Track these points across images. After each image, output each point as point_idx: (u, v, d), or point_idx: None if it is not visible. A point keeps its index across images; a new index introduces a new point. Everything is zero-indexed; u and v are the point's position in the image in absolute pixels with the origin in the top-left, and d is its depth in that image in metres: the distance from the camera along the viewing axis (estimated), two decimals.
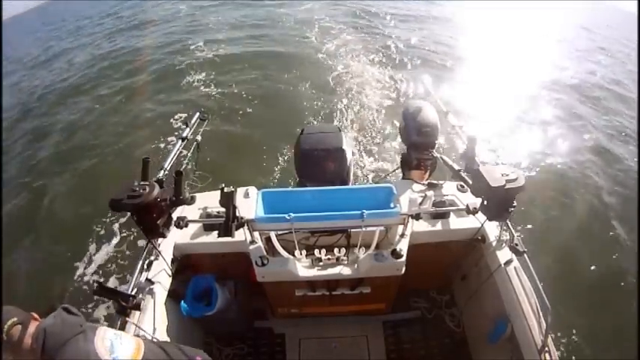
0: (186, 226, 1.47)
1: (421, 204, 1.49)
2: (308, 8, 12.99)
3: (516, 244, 1.52)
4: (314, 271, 1.62)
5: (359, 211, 1.37)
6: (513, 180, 1.24)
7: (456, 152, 3.82)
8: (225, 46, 9.53)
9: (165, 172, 1.64)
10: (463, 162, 1.59)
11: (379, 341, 2.15)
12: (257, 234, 1.58)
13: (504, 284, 1.59)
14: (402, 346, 2.14)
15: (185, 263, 1.79)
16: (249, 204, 1.63)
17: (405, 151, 2.07)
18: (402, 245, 1.56)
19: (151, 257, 1.60)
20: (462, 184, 1.82)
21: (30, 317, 0.88)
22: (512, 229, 1.60)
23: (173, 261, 1.69)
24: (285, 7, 13.42)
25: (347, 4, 13.44)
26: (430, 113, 1.97)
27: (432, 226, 1.76)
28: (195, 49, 9.68)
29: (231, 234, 1.32)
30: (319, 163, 1.92)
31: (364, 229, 1.46)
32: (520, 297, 1.50)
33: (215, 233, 1.50)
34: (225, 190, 1.34)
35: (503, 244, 1.66)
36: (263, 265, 1.54)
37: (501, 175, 1.25)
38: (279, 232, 1.60)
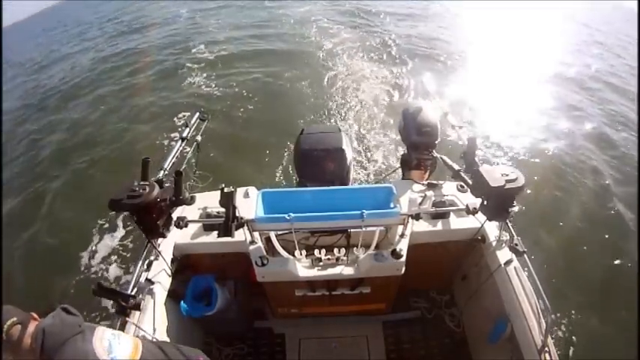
0: (186, 226, 1.47)
1: (421, 204, 1.49)
2: (307, 10, 13.00)
3: (516, 244, 1.52)
4: (314, 271, 1.62)
5: (359, 211, 1.37)
6: (513, 180, 1.24)
7: (456, 152, 3.82)
8: (226, 48, 9.55)
9: (165, 172, 1.64)
10: (463, 162, 1.59)
11: (379, 341, 2.15)
12: (257, 234, 1.58)
13: (504, 284, 1.59)
14: (402, 346, 2.14)
15: (185, 263, 1.79)
16: (249, 204, 1.63)
17: (405, 151, 2.08)
18: (402, 245, 1.56)
19: (151, 257, 1.60)
20: (462, 184, 1.82)
21: (29, 317, 0.88)
22: (512, 229, 1.60)
23: (173, 261, 1.69)
24: (285, 8, 13.44)
25: (346, 5, 13.45)
26: (430, 113, 1.97)
27: (432, 226, 1.76)
28: (196, 50, 9.72)
29: (231, 234, 1.32)
30: (319, 163, 1.92)
31: (364, 229, 1.46)
32: (520, 297, 1.49)
33: (215, 233, 1.51)
34: (225, 190, 1.34)
35: (503, 244, 1.66)
36: (263, 265, 1.54)
37: (501, 175, 1.25)
38: (279, 232, 1.60)
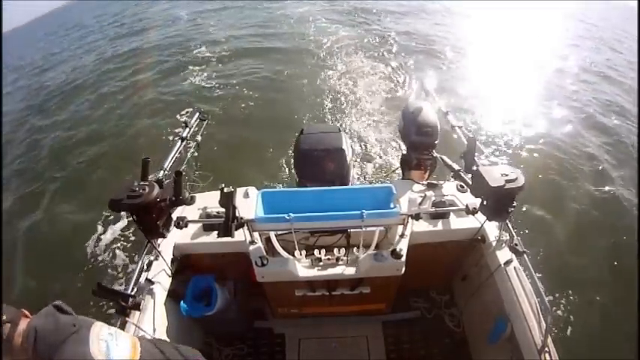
0: (186, 226, 1.47)
1: (421, 204, 1.49)
2: (306, 10, 13.01)
3: (516, 244, 1.52)
4: (314, 271, 1.62)
5: (359, 211, 1.37)
6: (513, 180, 1.24)
7: (456, 152, 3.82)
8: (226, 48, 9.58)
9: (166, 172, 1.65)
10: (463, 162, 1.59)
11: (379, 341, 2.14)
12: (257, 234, 1.58)
13: (504, 284, 1.59)
14: (402, 346, 2.14)
15: (185, 263, 1.79)
16: (249, 204, 1.63)
17: (405, 151, 2.07)
18: (402, 245, 1.56)
19: (151, 257, 1.60)
20: (462, 184, 1.82)
21: (20, 314, 0.86)
22: (512, 229, 1.60)
23: (173, 261, 1.69)
24: (284, 8, 13.47)
25: (344, 5, 13.47)
26: (430, 113, 1.97)
27: (432, 226, 1.75)
28: (196, 51, 9.76)
29: (231, 234, 1.32)
30: (319, 163, 1.92)
31: (364, 229, 1.46)
32: (520, 297, 1.49)
33: (215, 233, 1.51)
34: (225, 190, 1.34)
35: (503, 244, 1.66)
36: (263, 265, 1.54)
37: (501, 175, 1.25)
38: (279, 233, 1.60)
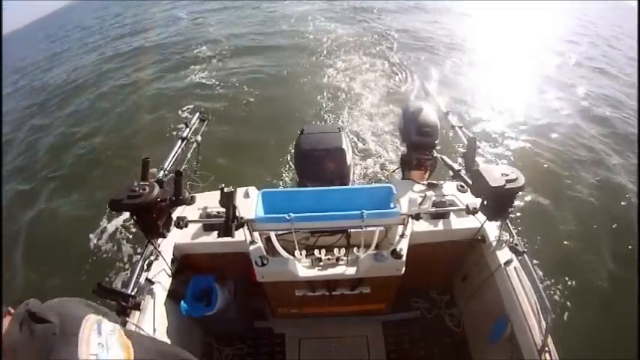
0: (186, 226, 1.47)
1: (421, 204, 1.49)
2: (306, 9, 13.03)
3: (516, 244, 1.52)
4: (314, 271, 1.62)
5: (359, 211, 1.37)
6: (513, 180, 1.24)
7: (456, 152, 3.83)
8: (226, 48, 9.59)
9: (166, 172, 1.64)
10: (463, 162, 1.59)
11: (379, 341, 2.14)
12: (257, 234, 1.58)
13: (504, 284, 1.59)
14: (402, 346, 2.14)
15: (185, 263, 1.79)
16: (249, 204, 1.63)
17: (405, 151, 2.07)
18: (402, 245, 1.56)
19: (151, 257, 1.60)
20: (462, 184, 1.82)
21: (5, 313, 0.76)
22: (512, 229, 1.60)
23: (173, 261, 1.69)
24: (284, 8, 13.48)
25: (343, 4, 13.48)
26: (430, 113, 1.97)
27: (432, 226, 1.75)
28: (196, 51, 9.78)
29: (231, 234, 1.32)
30: (319, 163, 1.92)
31: (364, 229, 1.46)
32: (520, 297, 1.49)
33: (215, 233, 1.50)
34: (225, 190, 1.34)
35: (503, 244, 1.66)
36: (263, 265, 1.53)
37: (501, 174, 1.25)
38: (279, 232, 1.60)
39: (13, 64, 14.26)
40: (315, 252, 1.64)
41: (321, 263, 1.64)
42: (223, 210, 1.34)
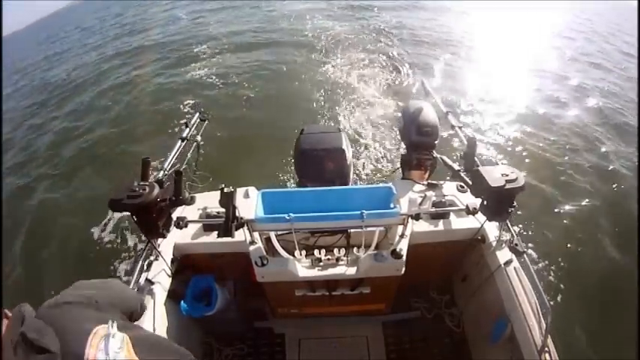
0: (185, 226, 1.46)
1: (421, 204, 1.48)
2: (305, 8, 13.03)
3: (516, 244, 1.52)
4: (314, 271, 1.62)
5: (359, 212, 1.37)
6: (513, 180, 1.24)
7: (456, 152, 3.82)
8: (225, 47, 9.60)
9: (166, 172, 1.65)
10: (463, 162, 1.59)
11: (379, 341, 2.14)
12: (257, 234, 1.58)
13: (504, 284, 1.59)
14: (402, 346, 2.14)
15: (185, 263, 1.79)
16: (249, 204, 1.63)
17: (405, 151, 2.07)
18: (402, 245, 1.56)
19: (151, 257, 1.60)
20: (462, 184, 1.82)
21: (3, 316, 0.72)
22: (512, 229, 1.60)
23: (173, 261, 1.69)
24: (283, 7, 13.48)
25: (342, 3, 13.47)
26: (430, 113, 1.96)
27: (432, 227, 1.75)
28: (196, 50, 9.79)
29: (231, 234, 1.32)
30: (319, 163, 1.92)
31: (364, 230, 1.46)
32: (520, 297, 1.50)
33: (215, 233, 1.50)
34: (225, 190, 1.33)
35: (503, 245, 1.66)
36: (263, 265, 1.53)
37: (501, 175, 1.24)
38: (279, 233, 1.60)
39: (13, 65, 14.28)
40: (315, 252, 1.63)
41: (321, 263, 1.63)
42: (223, 210, 1.34)
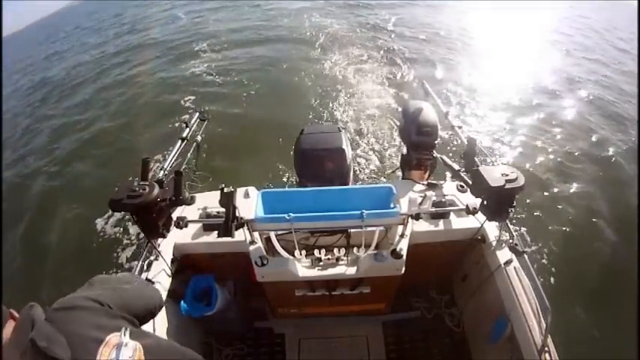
0: (186, 226, 1.47)
1: (421, 204, 1.48)
2: (303, 6, 13.05)
3: (516, 244, 1.52)
4: (314, 271, 1.62)
5: (359, 211, 1.37)
6: (513, 180, 1.24)
7: (456, 152, 3.82)
8: (225, 48, 9.60)
9: (165, 172, 1.64)
10: (463, 162, 1.59)
11: (379, 341, 2.15)
12: (257, 234, 1.58)
13: (504, 284, 1.59)
14: (402, 346, 2.14)
15: (185, 263, 1.79)
16: (249, 204, 1.63)
17: (405, 151, 2.07)
18: (402, 245, 1.56)
19: (151, 257, 1.60)
20: (462, 184, 1.82)
21: (7, 316, 0.69)
22: (512, 229, 1.60)
23: (173, 261, 1.69)
24: (282, 6, 13.49)
25: (340, 2, 13.47)
26: (430, 113, 1.96)
27: (432, 226, 1.76)
28: (197, 50, 9.80)
29: (231, 234, 1.32)
30: (319, 163, 1.92)
31: (364, 229, 1.46)
32: (520, 297, 1.50)
33: (215, 233, 1.51)
34: (225, 190, 1.34)
35: (503, 244, 1.66)
36: (263, 265, 1.54)
37: (501, 175, 1.25)
38: (279, 232, 1.60)
39: (13, 66, 14.29)
40: (315, 252, 1.63)
41: (321, 263, 1.63)
42: (223, 210, 1.34)
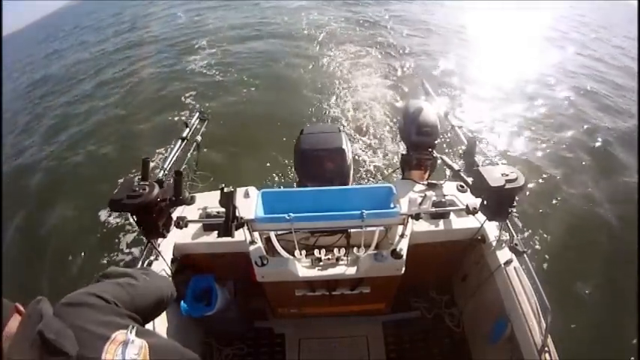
0: (186, 226, 1.47)
1: (421, 204, 1.48)
2: (303, 5, 13.06)
3: (516, 244, 1.52)
4: (314, 271, 1.62)
5: (359, 211, 1.37)
6: (513, 180, 1.24)
7: (456, 152, 3.82)
8: (225, 47, 9.60)
9: (165, 172, 1.65)
10: (463, 162, 1.59)
11: (379, 341, 2.15)
12: (257, 234, 1.58)
13: (504, 284, 1.59)
14: (402, 346, 2.14)
15: (185, 263, 1.79)
16: (249, 204, 1.63)
17: (404, 151, 2.07)
18: (402, 245, 1.56)
19: (151, 257, 1.60)
20: (462, 184, 1.82)
21: (13, 310, 0.69)
22: (512, 229, 1.60)
23: (173, 261, 1.69)
24: (282, 5, 13.51)
25: (339, 1, 13.50)
26: (430, 113, 1.96)
27: (432, 226, 1.75)
28: (197, 47, 9.86)
29: (231, 234, 1.31)
30: (319, 163, 1.92)
31: (364, 229, 1.46)
32: (520, 297, 1.50)
33: (215, 233, 1.51)
34: (225, 190, 1.33)
35: (503, 244, 1.66)
36: (263, 265, 1.54)
37: (501, 174, 1.25)
38: (279, 232, 1.60)
39: (13, 65, 14.32)
40: (315, 252, 1.63)
41: (321, 263, 1.63)
42: (223, 210, 1.34)
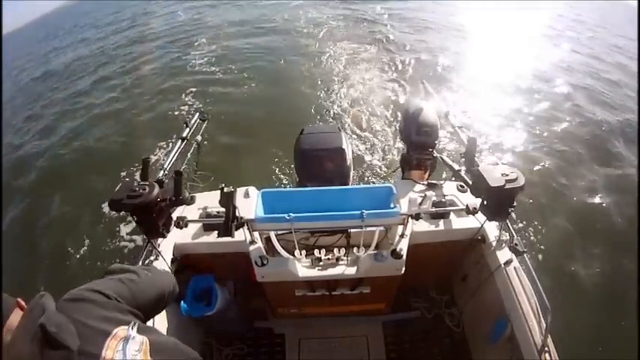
0: (186, 226, 1.47)
1: (421, 204, 1.48)
2: (302, 4, 13.07)
3: (516, 244, 1.52)
4: (314, 271, 1.62)
5: (359, 211, 1.37)
6: (513, 180, 1.24)
7: (456, 152, 3.82)
8: (225, 47, 9.60)
9: (165, 172, 1.65)
10: (463, 162, 1.59)
11: (379, 341, 2.15)
12: (257, 234, 1.58)
13: (504, 284, 1.59)
14: (402, 346, 2.14)
15: (185, 263, 1.79)
16: (249, 204, 1.63)
17: (405, 151, 2.08)
18: (402, 245, 1.56)
19: (151, 257, 1.60)
20: (462, 184, 1.82)
21: (14, 305, 0.69)
22: (512, 229, 1.60)
23: (173, 261, 1.69)
24: (281, 4, 13.51)
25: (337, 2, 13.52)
26: (430, 113, 1.96)
27: (432, 226, 1.75)
28: (197, 45, 9.87)
29: (231, 234, 1.31)
30: (319, 163, 1.92)
31: (364, 229, 1.46)
32: (520, 297, 1.50)
33: (215, 233, 1.51)
34: (225, 190, 1.33)
35: (503, 244, 1.66)
36: (263, 265, 1.54)
37: (501, 175, 1.25)
38: (279, 232, 1.60)
39: (13, 63, 14.32)
40: (315, 252, 1.63)
41: (321, 263, 1.64)
42: (223, 210, 1.34)
